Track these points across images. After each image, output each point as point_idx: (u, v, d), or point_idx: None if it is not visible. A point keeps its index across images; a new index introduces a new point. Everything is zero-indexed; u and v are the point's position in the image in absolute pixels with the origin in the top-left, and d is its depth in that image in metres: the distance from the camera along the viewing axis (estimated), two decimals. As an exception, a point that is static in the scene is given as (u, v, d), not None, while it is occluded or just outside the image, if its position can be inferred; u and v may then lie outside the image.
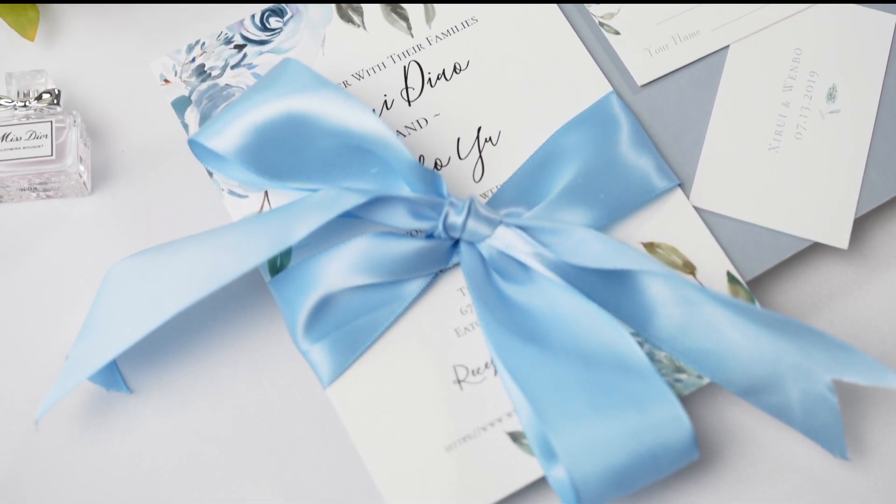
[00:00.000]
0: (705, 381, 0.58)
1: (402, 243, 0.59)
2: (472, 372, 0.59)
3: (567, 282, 0.58)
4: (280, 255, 0.60)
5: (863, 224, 0.64)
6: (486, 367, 0.59)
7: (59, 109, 0.65)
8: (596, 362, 0.56)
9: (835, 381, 0.58)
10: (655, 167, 0.61)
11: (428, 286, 0.60)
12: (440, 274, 0.60)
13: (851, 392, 0.60)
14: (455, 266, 0.60)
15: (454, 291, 0.60)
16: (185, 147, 0.64)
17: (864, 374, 0.56)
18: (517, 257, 0.59)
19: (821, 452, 0.59)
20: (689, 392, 0.58)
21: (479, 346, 0.59)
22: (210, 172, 0.62)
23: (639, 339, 0.59)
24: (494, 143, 0.63)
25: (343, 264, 0.59)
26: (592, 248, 0.57)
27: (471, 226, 0.59)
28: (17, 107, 0.64)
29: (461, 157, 0.63)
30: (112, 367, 0.60)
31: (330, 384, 0.58)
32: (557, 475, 0.56)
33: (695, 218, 0.61)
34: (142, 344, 0.59)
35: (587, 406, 0.55)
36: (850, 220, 0.62)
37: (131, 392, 0.61)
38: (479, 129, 0.63)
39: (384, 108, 0.64)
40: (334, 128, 0.59)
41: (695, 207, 0.61)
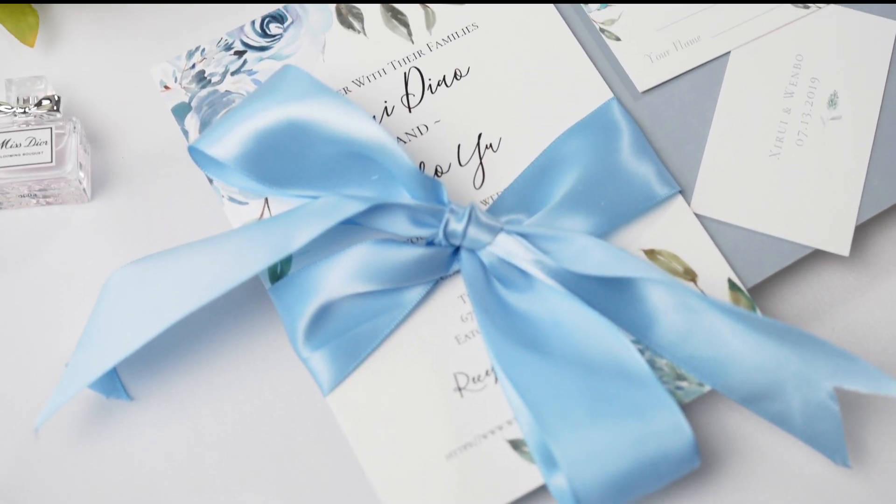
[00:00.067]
0: (706, 388, 0.58)
1: (403, 250, 0.59)
2: (473, 379, 0.58)
3: (568, 289, 0.58)
4: (280, 262, 0.60)
5: (864, 231, 0.64)
6: (486, 374, 0.59)
7: (59, 116, 0.64)
8: (596, 370, 0.56)
9: (836, 389, 0.57)
10: (656, 174, 0.61)
11: (428, 293, 0.60)
12: (440, 281, 0.60)
13: (853, 400, 0.60)
14: (455, 273, 0.60)
15: (455, 299, 0.60)
16: (186, 153, 0.64)
17: (865, 382, 0.56)
18: (518, 265, 0.59)
19: (822, 460, 0.59)
20: (690, 400, 0.58)
21: (479, 353, 0.59)
22: (210, 179, 0.62)
23: (640, 347, 0.59)
24: (495, 149, 0.63)
25: (343, 271, 0.58)
26: (593, 255, 0.57)
27: (471, 233, 0.58)
28: (17, 113, 0.64)
29: (462, 163, 0.62)
30: (112, 375, 0.60)
31: (330, 391, 0.58)
32: (558, 483, 0.56)
33: (696, 225, 0.61)
34: (142, 351, 0.59)
35: (588, 414, 0.55)
36: (852, 226, 0.61)
37: (131, 399, 0.61)
38: (479, 135, 0.63)
39: (385, 115, 0.63)
40: (335, 135, 0.59)
41: (696, 214, 0.61)
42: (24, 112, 0.64)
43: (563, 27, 0.65)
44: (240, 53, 0.64)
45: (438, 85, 0.64)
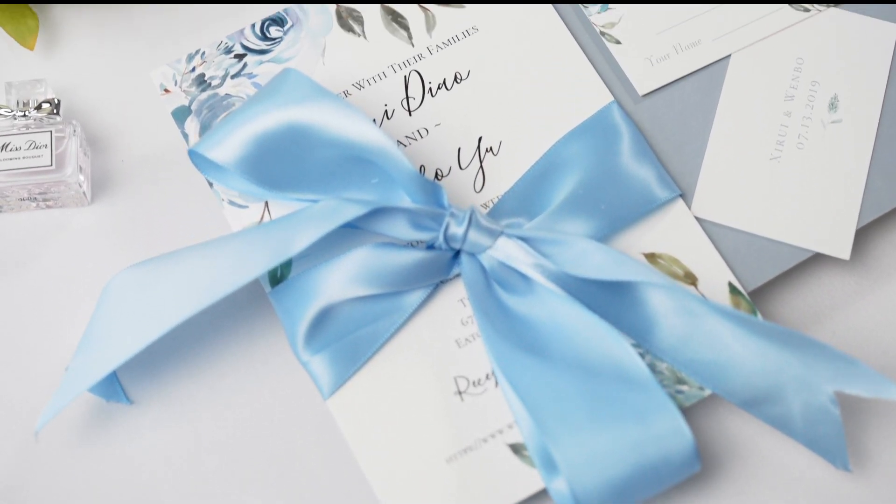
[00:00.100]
0: (707, 392, 0.58)
1: (403, 254, 0.58)
2: (473, 383, 0.58)
3: (568, 293, 0.58)
4: (280, 265, 0.60)
5: (865, 234, 0.64)
6: (486, 378, 0.58)
7: (59, 119, 0.64)
8: (597, 374, 0.56)
9: (836, 393, 0.57)
10: (657, 177, 0.61)
11: (428, 297, 0.60)
12: (441, 285, 0.60)
13: (853, 403, 0.60)
14: (456, 277, 0.60)
15: (455, 302, 0.60)
16: (185, 157, 0.64)
17: (866, 385, 0.56)
18: (518, 268, 0.59)
19: (823, 464, 0.59)
20: (690, 403, 0.58)
21: (479, 357, 0.59)
22: (210, 183, 0.62)
23: (640, 351, 0.58)
24: (495, 153, 0.63)
25: (343, 275, 0.58)
26: (593, 258, 0.57)
27: (472, 237, 0.58)
28: (17, 116, 0.64)
29: (462, 167, 0.62)
30: (112, 378, 0.60)
31: (330, 395, 0.58)
32: (558, 487, 0.56)
33: (696, 228, 0.61)
34: (141, 354, 0.59)
35: (588, 418, 0.55)
36: (852, 230, 0.61)
37: (131, 403, 0.61)
38: (479, 138, 0.63)
39: (385, 118, 0.63)
40: (334, 138, 0.59)
41: (696, 218, 0.61)
42: (24, 115, 0.64)
43: (564, 30, 0.65)
44: (240, 57, 0.64)
45: (439, 88, 0.64)
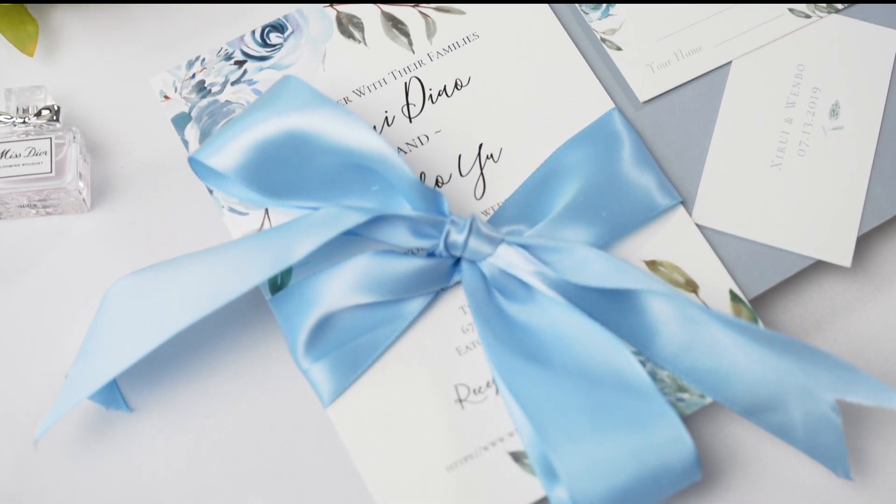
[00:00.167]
0: (708, 400, 0.58)
1: (403, 262, 0.58)
2: (474, 391, 0.58)
3: (569, 300, 0.58)
4: (280, 273, 0.60)
5: (866, 241, 0.64)
6: (487, 386, 0.58)
7: (59, 126, 0.64)
8: (598, 381, 0.56)
9: (838, 401, 0.57)
10: (657, 184, 0.61)
11: (429, 305, 0.60)
12: (441, 292, 0.60)
13: (854, 411, 0.60)
14: (456, 284, 0.60)
15: (455, 310, 0.60)
16: (185, 163, 0.64)
17: (868, 394, 0.55)
18: (519, 276, 0.59)
19: (824, 472, 0.59)
20: (691, 411, 0.58)
21: (480, 365, 0.59)
22: (210, 190, 0.62)
23: (641, 358, 0.58)
24: (496, 159, 0.62)
25: (344, 283, 0.58)
26: (594, 266, 0.57)
27: (472, 244, 0.58)
28: (17, 123, 0.64)
29: (462, 174, 0.62)
30: (112, 386, 0.60)
31: (331, 403, 0.58)
32: (559, 495, 0.56)
33: (697, 235, 0.61)
34: (142, 362, 0.59)
35: (589, 426, 0.55)
36: (854, 237, 0.61)
37: (131, 410, 0.61)
38: (480, 145, 0.63)
39: (385, 125, 0.63)
40: (335, 146, 0.59)
41: (697, 225, 0.61)
42: (24, 122, 0.64)
43: (564, 37, 0.65)
44: (240, 63, 0.64)
45: (439, 95, 0.64)
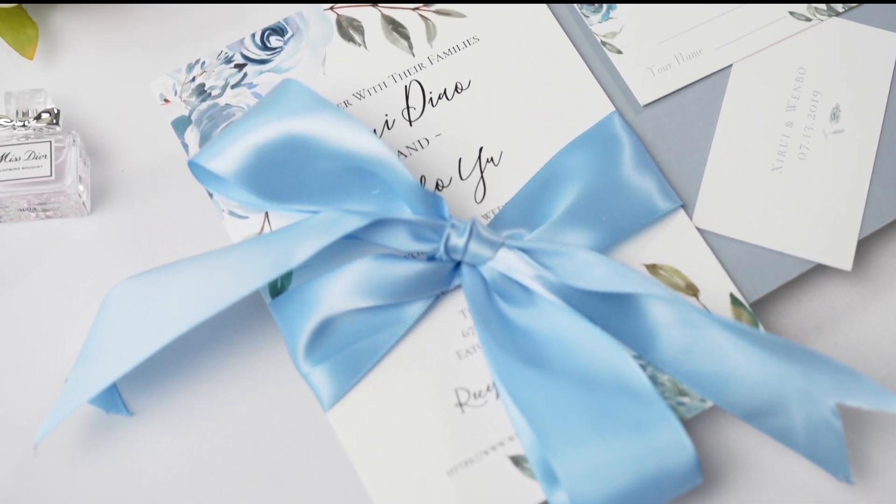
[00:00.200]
0: (708, 404, 0.58)
1: (404, 266, 0.58)
2: (474, 395, 0.58)
3: (569, 304, 0.58)
4: (281, 276, 0.60)
5: (866, 245, 0.64)
6: (487, 390, 0.58)
7: (59, 129, 0.64)
8: (598, 386, 0.56)
9: (838, 406, 0.57)
10: (658, 188, 0.61)
11: (429, 309, 0.59)
12: (441, 296, 0.60)
13: (855, 416, 0.60)
14: (456, 288, 0.60)
15: (455, 314, 0.60)
16: (185, 167, 0.64)
17: (868, 398, 0.55)
18: (519, 280, 0.58)
19: (824, 476, 0.59)
20: (691, 415, 0.58)
21: (480, 369, 0.59)
22: (210, 193, 0.62)
23: (641, 363, 0.58)
24: (496, 163, 0.62)
25: (344, 287, 0.58)
26: (594, 270, 0.57)
27: (472, 248, 0.58)
28: (17, 126, 0.64)
29: (463, 177, 0.62)
30: (112, 390, 0.60)
31: (331, 407, 0.58)
32: (559, 500, 0.56)
33: (698, 239, 0.61)
34: (141, 366, 0.59)
35: (589, 430, 0.55)
36: (854, 241, 0.61)
37: (131, 414, 0.61)
38: (480, 149, 0.63)
39: (385, 128, 0.63)
40: (335, 149, 0.59)
41: (697, 229, 0.61)
42: (24, 125, 0.64)
43: (565, 40, 0.65)
44: (240, 66, 0.64)
45: (439, 98, 0.64)
